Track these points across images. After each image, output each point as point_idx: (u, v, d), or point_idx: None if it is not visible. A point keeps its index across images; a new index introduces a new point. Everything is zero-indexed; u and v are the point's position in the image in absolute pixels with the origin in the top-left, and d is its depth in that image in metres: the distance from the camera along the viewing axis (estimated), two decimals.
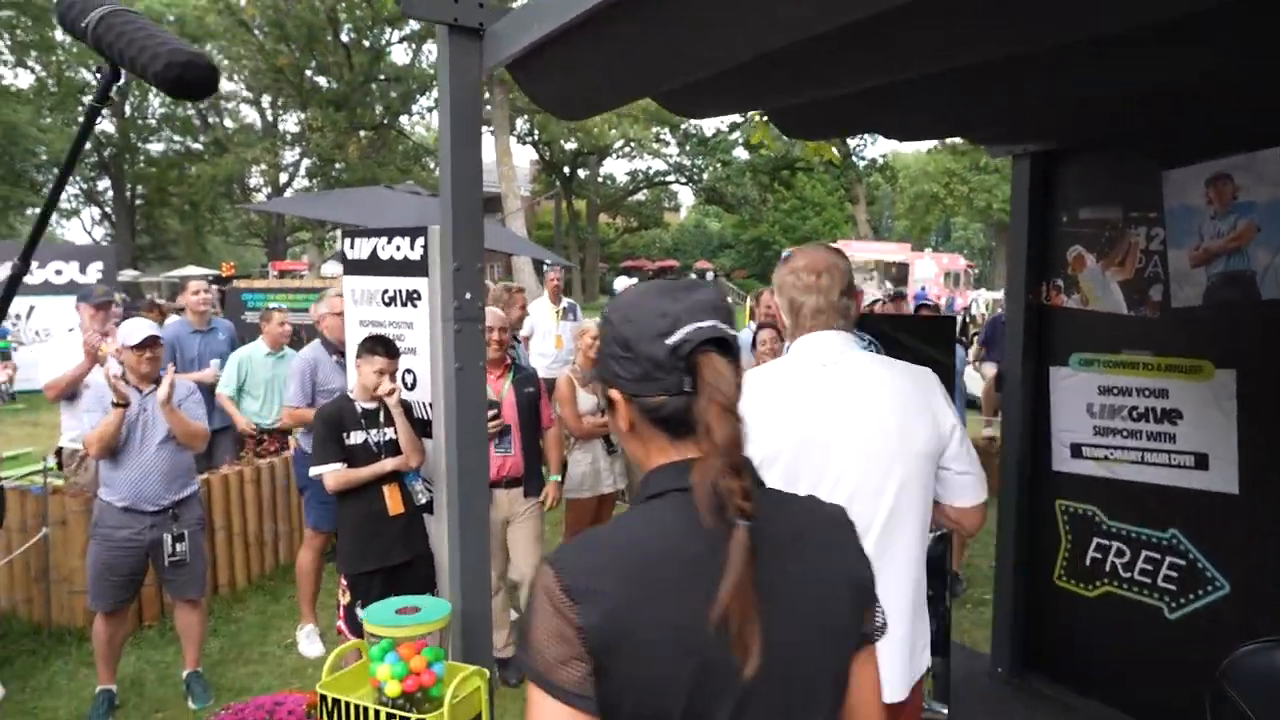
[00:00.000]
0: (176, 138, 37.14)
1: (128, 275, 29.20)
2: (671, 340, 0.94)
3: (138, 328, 3.61)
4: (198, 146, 36.03)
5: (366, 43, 30.89)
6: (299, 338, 5.91)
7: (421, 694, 2.04)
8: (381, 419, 3.41)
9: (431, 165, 38.17)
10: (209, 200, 34.91)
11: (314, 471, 3.38)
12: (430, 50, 32.18)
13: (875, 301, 6.22)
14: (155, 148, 38.05)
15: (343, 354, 4.08)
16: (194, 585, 3.70)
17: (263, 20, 28.27)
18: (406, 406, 3.59)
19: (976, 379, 8.70)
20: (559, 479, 4.15)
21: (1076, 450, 3.40)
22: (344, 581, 3.32)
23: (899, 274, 26.76)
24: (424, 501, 3.55)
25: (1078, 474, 3.40)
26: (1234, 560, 2.93)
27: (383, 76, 32.22)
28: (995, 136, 3.28)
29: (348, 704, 2.03)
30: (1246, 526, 2.89)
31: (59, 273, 12.69)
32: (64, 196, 39.33)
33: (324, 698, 2.06)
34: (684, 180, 41.05)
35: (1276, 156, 2.73)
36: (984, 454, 6.93)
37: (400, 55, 33.66)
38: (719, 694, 0.90)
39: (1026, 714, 3.41)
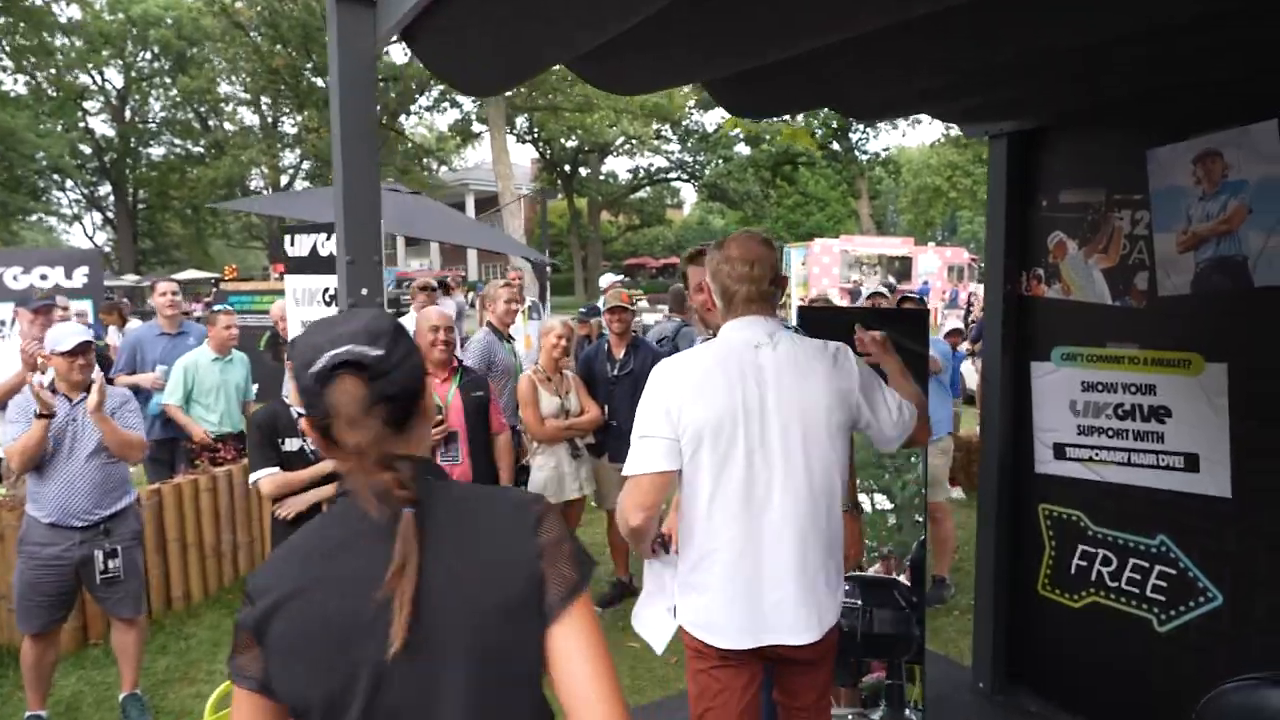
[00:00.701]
0: (177, 141, 37.11)
1: (129, 279, 29.16)
2: (314, 369, 1.08)
3: (69, 333, 3.41)
4: (199, 150, 35.96)
5: None
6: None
7: None
8: None
9: (435, 166, 38.12)
10: (209, 203, 34.87)
11: (252, 478, 3.19)
12: None
13: (871, 296, 5.99)
14: (156, 152, 38.06)
15: None
16: (128, 603, 3.50)
17: (257, 21, 28.14)
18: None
19: (973, 373, 8.46)
20: None
21: (1060, 451, 3.17)
22: None
23: (902, 268, 26.45)
24: None
25: (1061, 476, 3.17)
26: (1227, 570, 2.71)
27: (380, 77, 32.03)
28: (968, 113, 3.05)
29: None
30: (1240, 533, 2.66)
31: (44, 278, 12.51)
32: (66, 202, 39.52)
33: None
34: (685, 177, 40.79)
35: (1270, 130, 2.50)
36: (975, 452, 6.72)
37: (398, 55, 33.38)
38: (360, 673, 1.02)
39: None
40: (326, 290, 3.48)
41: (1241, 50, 2.44)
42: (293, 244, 3.59)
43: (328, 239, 3.43)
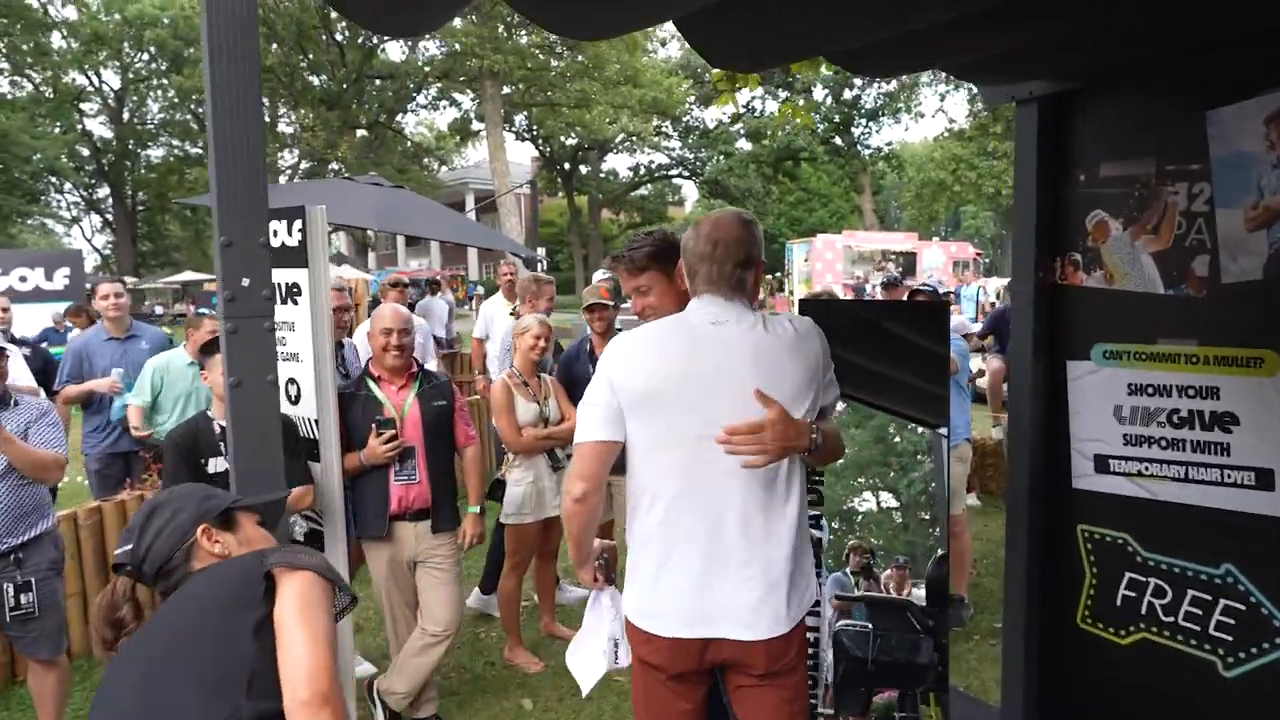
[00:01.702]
0: (175, 142, 36.81)
1: (129, 281, 28.89)
2: None
3: None
4: (197, 151, 35.66)
5: (360, 39, 30.35)
6: None
7: None
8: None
9: (435, 166, 37.75)
10: (207, 206, 34.59)
11: None
12: (426, 47, 31.67)
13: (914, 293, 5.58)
14: (155, 153, 37.77)
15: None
16: (45, 643, 3.10)
17: None
18: (288, 424, 3.00)
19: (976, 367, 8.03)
20: (478, 510, 3.51)
21: (1102, 464, 2.75)
22: None
23: (907, 263, 26.04)
24: (301, 537, 2.95)
25: (1104, 493, 2.75)
26: None
27: (376, 75, 31.68)
28: (989, 70, 2.62)
29: None
30: None
31: (24, 279, 12.18)
32: (64, 205, 39.29)
33: None
34: (686, 173, 40.39)
35: None
36: (992, 457, 6.31)
37: (395, 53, 33.01)
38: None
39: None
40: (277, 286, 3.06)
41: None
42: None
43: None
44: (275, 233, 2.98)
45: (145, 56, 35.12)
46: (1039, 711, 2.99)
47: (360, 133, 32.41)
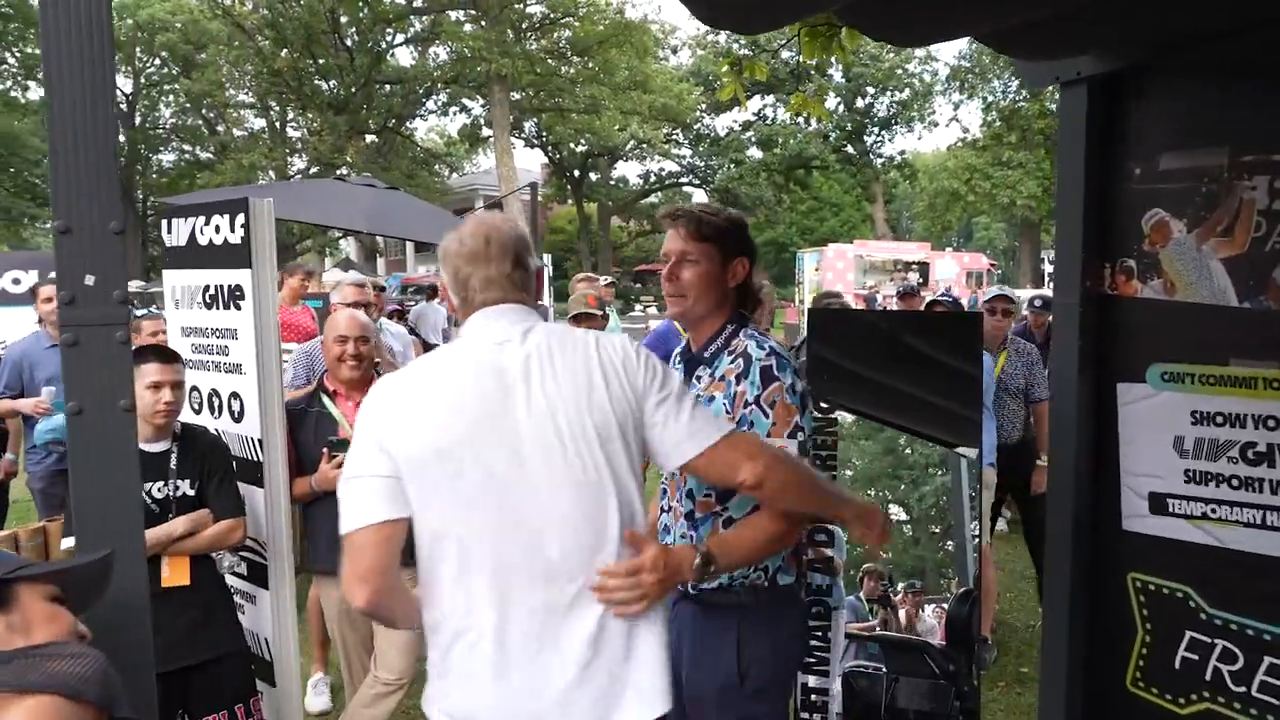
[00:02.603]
0: (186, 147, 36.79)
1: (135, 285, 28.76)
2: None
3: None
4: (209, 156, 35.64)
5: (369, 44, 30.24)
6: None
7: None
8: (173, 464, 2.46)
9: (445, 173, 37.61)
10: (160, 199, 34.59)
11: (65, 544, 2.45)
12: (437, 53, 31.53)
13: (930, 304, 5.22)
14: (166, 158, 37.77)
15: None
16: None
17: (259, 23, 27.77)
18: (220, 446, 2.66)
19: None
20: None
21: (1159, 503, 2.37)
22: None
23: (919, 274, 25.67)
24: (233, 570, 2.61)
25: (1161, 537, 2.37)
26: None
27: (385, 80, 31.55)
28: (1032, 42, 2.26)
29: None
30: None
31: (17, 281, 11.92)
32: None
33: None
34: (697, 181, 40.12)
35: None
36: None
37: (404, 58, 32.91)
38: None
39: None
40: (206, 289, 2.73)
41: None
42: (169, 230, 2.84)
43: (207, 223, 2.67)
44: (217, 228, 2.65)
45: (157, 61, 35.13)
46: None
47: (369, 138, 32.26)
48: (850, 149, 37.08)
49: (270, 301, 2.63)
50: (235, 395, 2.73)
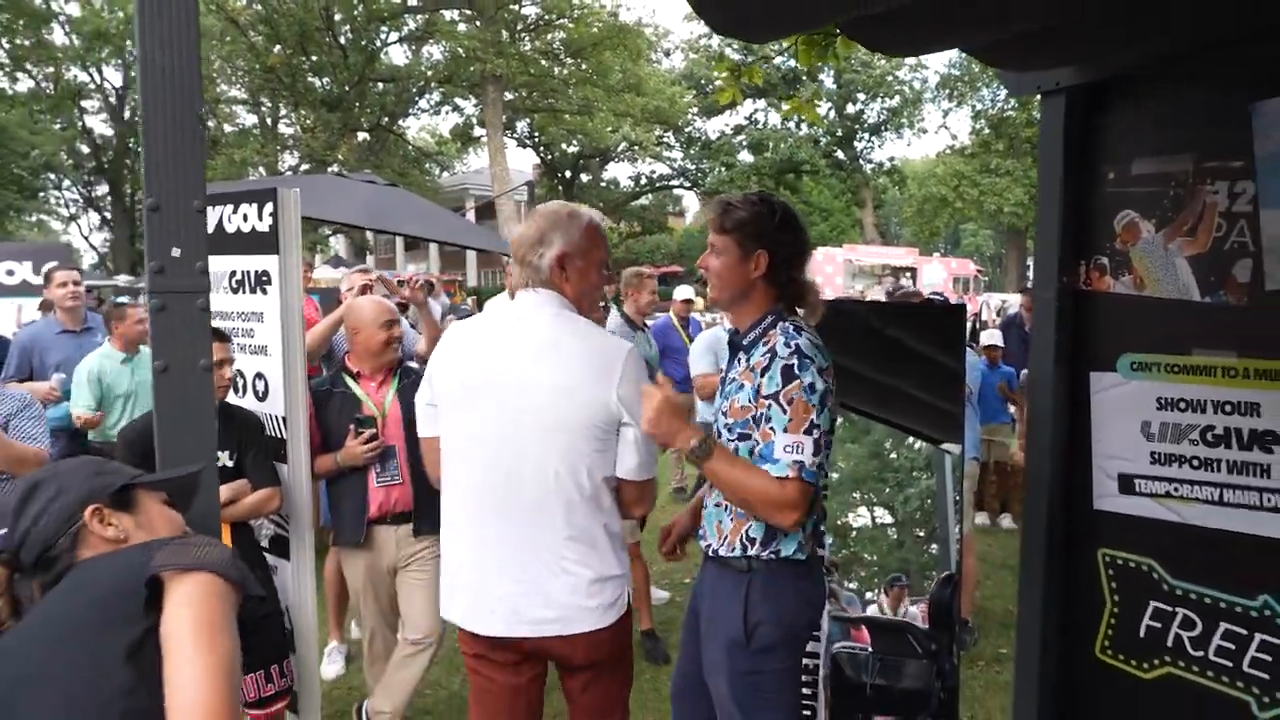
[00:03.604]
0: None
1: (123, 279, 28.63)
2: None
3: None
4: None
5: (363, 42, 30.24)
6: None
7: None
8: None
9: (436, 171, 37.61)
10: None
11: None
12: (430, 51, 31.58)
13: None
14: None
15: None
16: None
17: (252, 18, 27.73)
18: (256, 422, 2.81)
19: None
20: None
21: (1127, 484, 2.55)
22: None
23: (907, 277, 25.92)
24: (266, 540, 2.75)
25: (1128, 515, 2.55)
26: None
27: (379, 78, 31.56)
28: (1016, 54, 2.44)
29: None
30: None
31: (10, 273, 11.93)
32: (62, 201, 39.11)
33: None
34: (688, 184, 40.30)
35: None
36: (1018, 478, 6.09)
37: (398, 56, 32.93)
38: None
39: None
40: (233, 274, 2.87)
41: None
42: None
43: (235, 210, 2.81)
44: (245, 216, 2.79)
45: None
46: None
47: (361, 136, 32.25)
48: (840, 154, 37.36)
49: (295, 286, 2.77)
50: (260, 375, 2.87)
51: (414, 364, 3.64)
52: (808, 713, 3.06)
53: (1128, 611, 2.58)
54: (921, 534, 2.98)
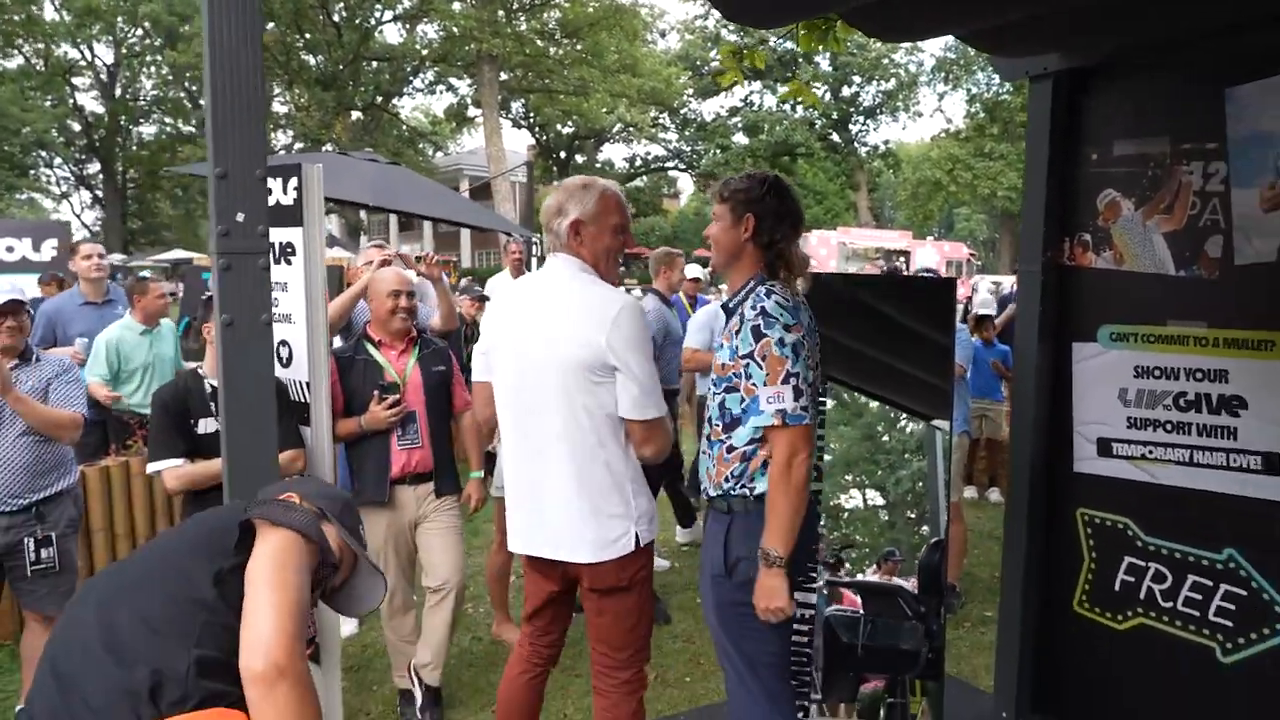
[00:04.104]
0: (168, 120, 36.41)
1: (116, 259, 28.59)
2: None
3: None
4: (190, 129, 35.29)
5: (357, 20, 30.09)
6: None
7: None
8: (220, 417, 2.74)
9: (430, 152, 37.53)
10: (199, 183, 34.29)
11: (150, 468, 2.72)
12: (424, 30, 31.44)
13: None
14: (147, 130, 37.39)
15: None
16: (59, 599, 3.06)
17: None
18: (280, 386, 2.92)
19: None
20: (480, 476, 3.46)
21: (1105, 447, 2.71)
22: None
23: (901, 260, 26.07)
24: None
25: (1106, 477, 2.72)
26: None
27: (373, 57, 31.43)
28: (1006, 41, 2.57)
29: None
30: None
31: (10, 249, 12.00)
32: (54, 180, 38.88)
33: None
34: (683, 166, 40.29)
35: None
36: (999, 452, 6.25)
37: (392, 35, 32.75)
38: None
39: None
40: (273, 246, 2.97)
41: None
42: None
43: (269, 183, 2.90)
44: (270, 191, 2.91)
45: (139, 32, 34.71)
46: (1032, 696, 2.96)
47: (355, 115, 32.16)
48: (835, 137, 37.39)
49: (318, 257, 2.89)
50: (284, 343, 2.99)
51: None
52: (805, 676, 3.20)
53: (1104, 567, 2.75)
54: (913, 515, 3.06)
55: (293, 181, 2.87)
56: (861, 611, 3.23)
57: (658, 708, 3.39)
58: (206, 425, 2.75)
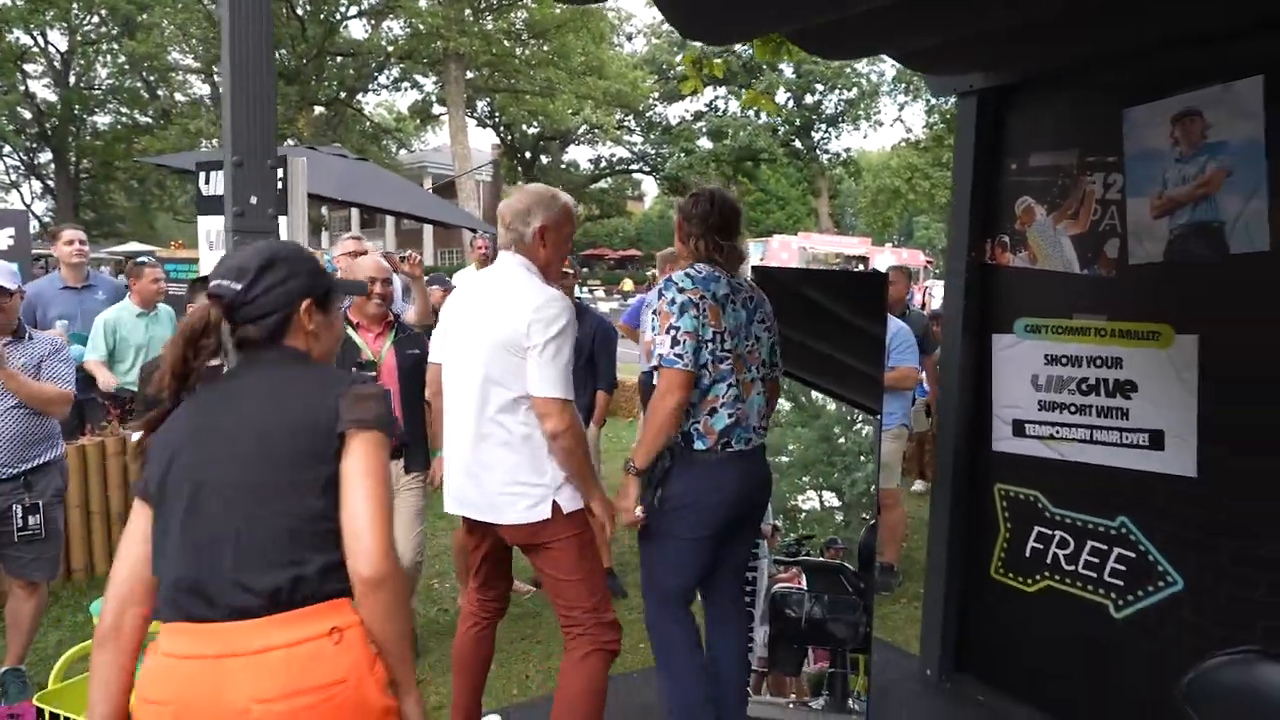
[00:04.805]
0: (124, 110, 35.75)
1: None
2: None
3: None
4: (146, 120, 34.69)
5: (322, 15, 29.90)
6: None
7: None
8: None
9: (394, 149, 37.36)
10: (156, 175, 33.71)
11: (135, 436, 2.88)
12: (390, 25, 31.33)
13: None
14: (102, 120, 36.65)
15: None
16: (43, 566, 3.21)
17: None
18: None
19: None
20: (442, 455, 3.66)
21: (1019, 428, 3.02)
22: None
23: (860, 267, 26.59)
24: None
25: (1019, 454, 3.02)
26: (1189, 554, 2.57)
27: (338, 52, 31.24)
28: (933, 61, 2.87)
29: None
30: (1204, 515, 2.53)
31: None
32: (3, 168, 37.91)
33: (41, 713, 1.58)
34: (647, 169, 40.59)
35: (1255, 87, 2.36)
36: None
37: (357, 30, 32.60)
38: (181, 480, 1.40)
39: None
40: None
41: (1224, 3, 2.30)
42: (207, 181, 3.27)
43: None
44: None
45: (95, 19, 34.05)
46: (955, 656, 3.26)
47: (319, 110, 31.93)
48: (798, 144, 37.98)
49: (273, 209, 3.09)
50: None
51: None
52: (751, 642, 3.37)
53: (1017, 536, 3.05)
54: (866, 516, 3.25)
55: (278, 173, 3.07)
56: (805, 588, 3.47)
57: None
58: None
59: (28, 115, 34.64)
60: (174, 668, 1.28)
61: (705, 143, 38.09)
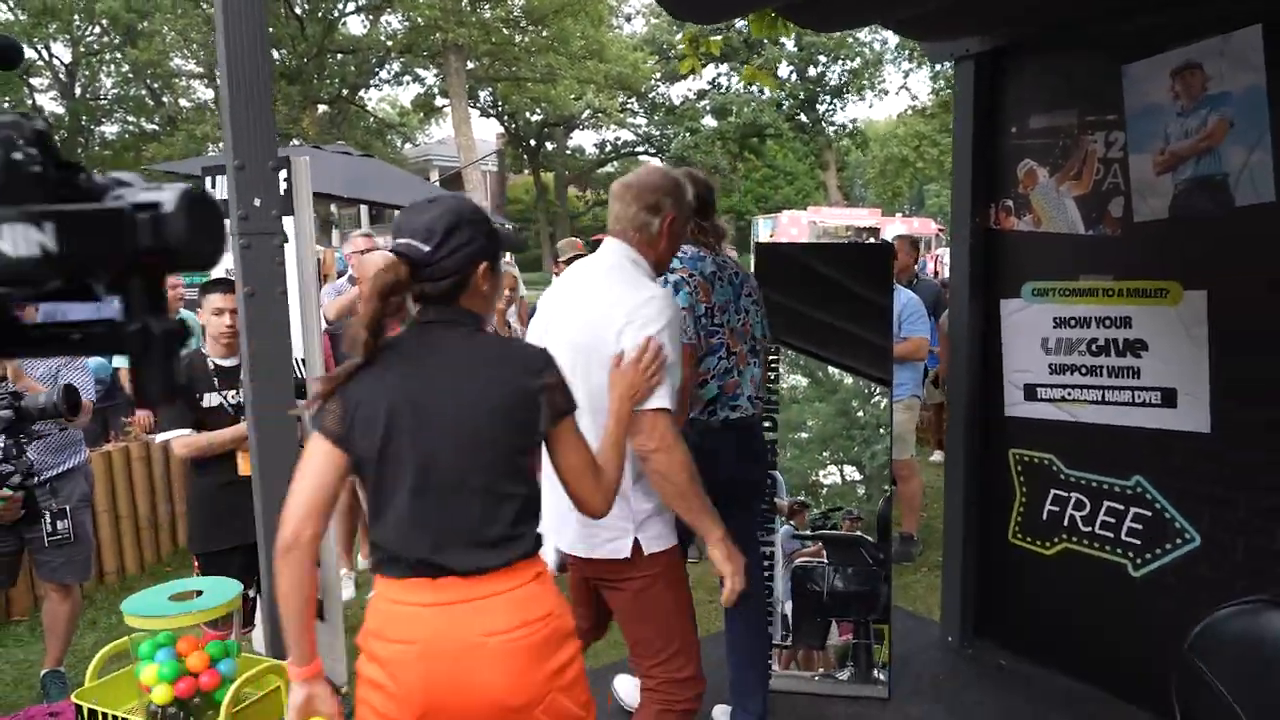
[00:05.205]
0: (130, 119, 35.97)
1: None
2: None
3: None
4: (153, 127, 34.91)
5: (320, 13, 29.88)
6: None
7: (201, 699, 1.62)
8: (243, 375, 2.97)
9: (399, 143, 37.39)
10: (165, 182, 33.84)
11: (160, 437, 2.95)
12: (388, 20, 31.26)
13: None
14: (109, 130, 36.92)
15: None
16: (74, 569, 3.28)
17: None
18: None
19: None
20: None
21: (1031, 392, 3.02)
22: (196, 563, 2.89)
23: (871, 239, 26.40)
24: None
25: (1032, 418, 3.02)
26: (1205, 509, 2.57)
27: (338, 49, 31.23)
28: (928, 27, 2.85)
29: (109, 716, 1.61)
30: (1219, 471, 2.53)
31: None
32: None
33: (80, 709, 1.63)
34: (653, 150, 40.40)
35: (1254, 36, 2.33)
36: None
37: (356, 27, 32.55)
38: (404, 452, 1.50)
39: (978, 687, 3.05)
40: None
41: None
42: (213, 186, 3.30)
43: None
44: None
45: (97, 30, 34.21)
46: (975, 621, 3.27)
47: (322, 108, 31.96)
48: (803, 117, 37.64)
49: (309, 243, 3.12)
50: None
51: None
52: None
53: (1032, 500, 3.06)
54: (887, 489, 3.24)
55: (283, 173, 3.10)
56: (826, 561, 3.49)
57: (608, 658, 3.55)
58: (210, 399, 2.98)
59: None
60: (417, 614, 1.48)
61: (710, 121, 37.84)
